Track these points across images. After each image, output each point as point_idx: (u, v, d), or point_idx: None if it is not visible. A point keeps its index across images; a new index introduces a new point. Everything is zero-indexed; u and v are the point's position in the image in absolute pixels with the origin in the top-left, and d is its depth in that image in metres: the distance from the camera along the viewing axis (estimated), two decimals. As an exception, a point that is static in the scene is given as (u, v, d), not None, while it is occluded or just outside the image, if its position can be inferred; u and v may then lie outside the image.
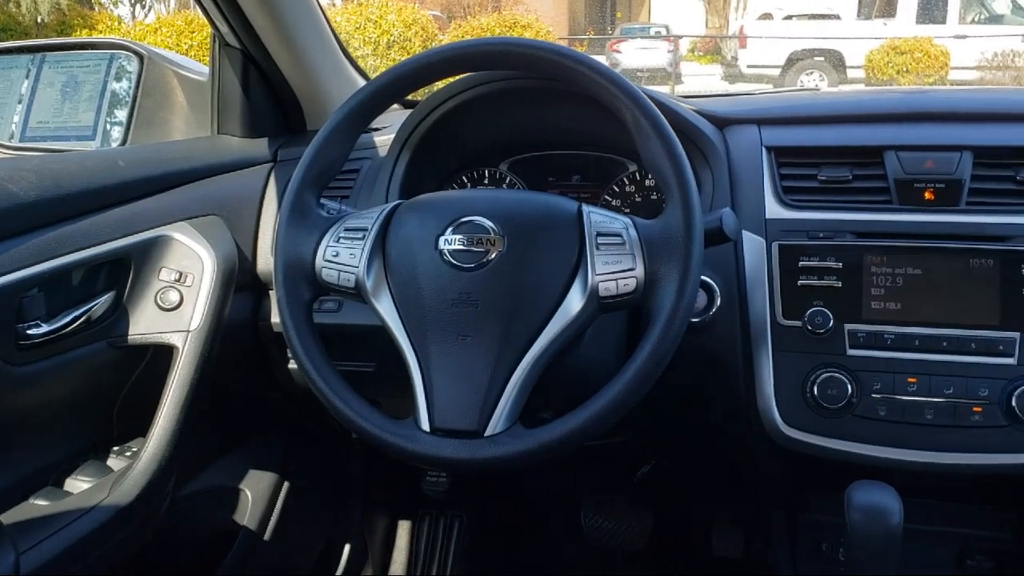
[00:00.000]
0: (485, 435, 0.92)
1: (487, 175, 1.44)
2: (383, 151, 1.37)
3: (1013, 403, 1.06)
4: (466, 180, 1.45)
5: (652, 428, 1.38)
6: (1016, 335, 1.08)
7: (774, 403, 1.14)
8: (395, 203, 1.06)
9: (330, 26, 1.56)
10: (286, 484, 1.62)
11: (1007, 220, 1.12)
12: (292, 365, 1.40)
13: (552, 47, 0.99)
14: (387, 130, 1.43)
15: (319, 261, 1.01)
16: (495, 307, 0.95)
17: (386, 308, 1.00)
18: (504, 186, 1.44)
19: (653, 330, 0.91)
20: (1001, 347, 1.08)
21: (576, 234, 0.97)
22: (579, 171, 1.42)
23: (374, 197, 1.32)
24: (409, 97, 1.60)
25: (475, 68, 1.08)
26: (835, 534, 1.26)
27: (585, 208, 0.99)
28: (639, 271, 0.94)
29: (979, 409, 1.08)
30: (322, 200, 1.08)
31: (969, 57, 11.74)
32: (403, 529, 1.97)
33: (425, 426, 0.94)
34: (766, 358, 1.15)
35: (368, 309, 1.01)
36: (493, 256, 0.96)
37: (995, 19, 13.00)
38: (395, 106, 1.64)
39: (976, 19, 13.14)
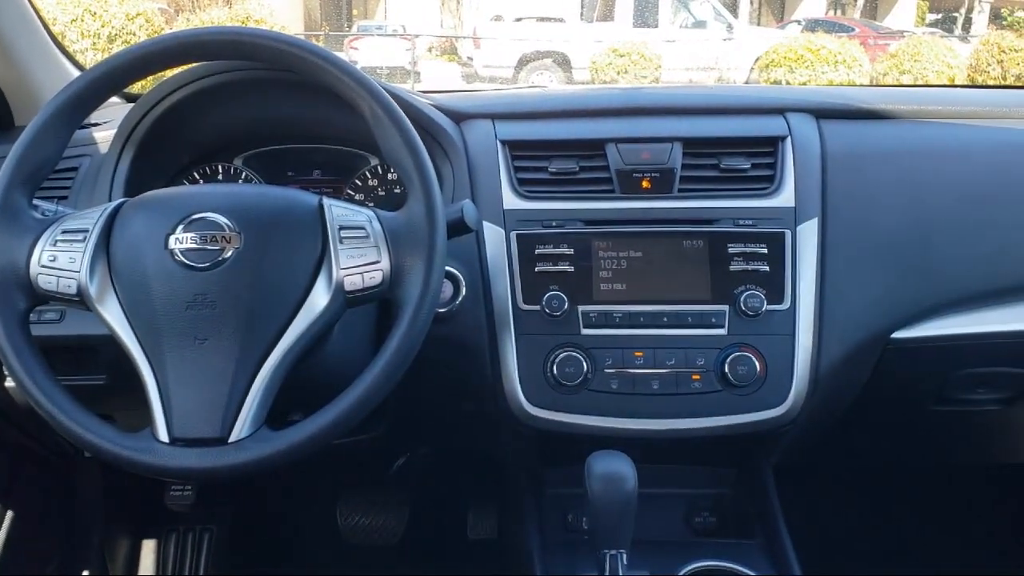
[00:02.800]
0: (230, 441, 0.89)
1: (221, 171, 1.39)
2: (104, 147, 1.28)
3: (725, 370, 1.18)
4: (198, 176, 1.38)
5: (405, 419, 1.39)
6: (725, 308, 1.20)
7: (518, 384, 1.19)
8: (119, 202, 0.99)
9: (38, 15, 1.43)
10: (9, 513, 1.46)
11: (713, 204, 1.23)
12: (9, 383, 1.27)
13: (282, 36, 0.97)
14: (108, 125, 1.34)
15: (34, 267, 0.93)
16: (234, 307, 0.91)
17: (113, 315, 0.93)
18: (240, 182, 1.39)
19: (400, 322, 0.92)
20: (713, 319, 1.20)
21: (318, 228, 0.96)
22: (320, 166, 1.40)
23: (96, 197, 1.22)
24: (133, 90, 1.50)
25: (201, 58, 1.03)
26: (579, 505, 1.33)
27: (326, 201, 0.98)
28: (384, 264, 0.94)
29: (698, 377, 1.19)
30: (35, 201, 0.99)
31: (679, 60, 12.82)
32: (147, 548, 1.85)
33: (163, 437, 0.89)
34: (510, 342, 1.20)
35: (94, 317, 0.94)
36: (229, 254, 0.93)
37: (700, 24, 14.29)
38: (116, 100, 1.54)
39: (684, 24, 14.38)
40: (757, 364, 1.18)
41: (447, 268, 1.16)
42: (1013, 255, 1.26)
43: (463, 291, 1.18)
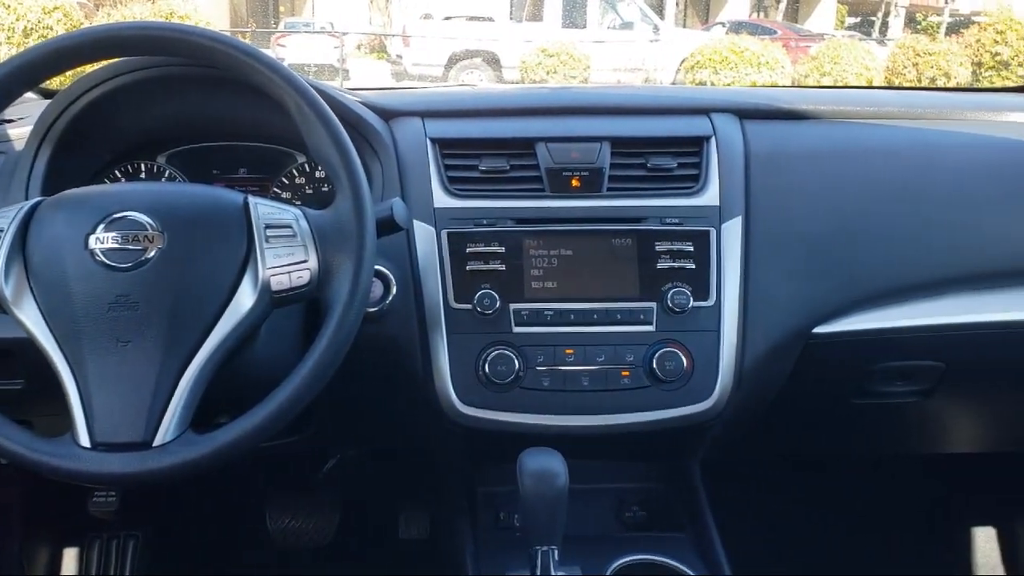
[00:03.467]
0: (154, 445, 0.87)
1: (143, 169, 1.35)
2: (20, 144, 1.24)
3: (653, 365, 1.20)
4: (119, 175, 1.35)
5: (335, 421, 1.38)
6: (653, 304, 1.22)
7: (450, 383, 1.19)
8: (35, 201, 0.96)
9: None
10: None
11: (641, 203, 1.25)
12: None
13: (205, 32, 0.95)
14: (24, 121, 1.29)
15: None
16: (157, 308, 0.90)
17: (31, 317, 0.90)
18: (163, 180, 1.36)
19: (329, 322, 0.91)
20: (642, 316, 1.21)
21: (243, 227, 0.94)
22: (245, 164, 1.38)
23: (11, 196, 1.18)
24: (51, 86, 1.45)
25: (120, 54, 1.01)
26: (511, 502, 1.34)
27: (252, 199, 0.97)
28: (312, 263, 0.93)
29: (627, 373, 1.21)
30: None
31: (608, 60, 12.97)
32: (69, 557, 1.80)
33: (84, 442, 0.87)
34: (441, 341, 1.19)
35: (9, 320, 0.91)
36: (152, 254, 0.91)
37: (627, 26, 14.49)
38: (33, 96, 1.49)
39: (612, 25, 14.55)
40: (684, 360, 1.20)
41: (377, 267, 1.15)
42: (928, 253, 1.31)
43: (393, 290, 1.18)
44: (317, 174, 1.38)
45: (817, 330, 1.28)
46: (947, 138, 1.41)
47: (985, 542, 1.95)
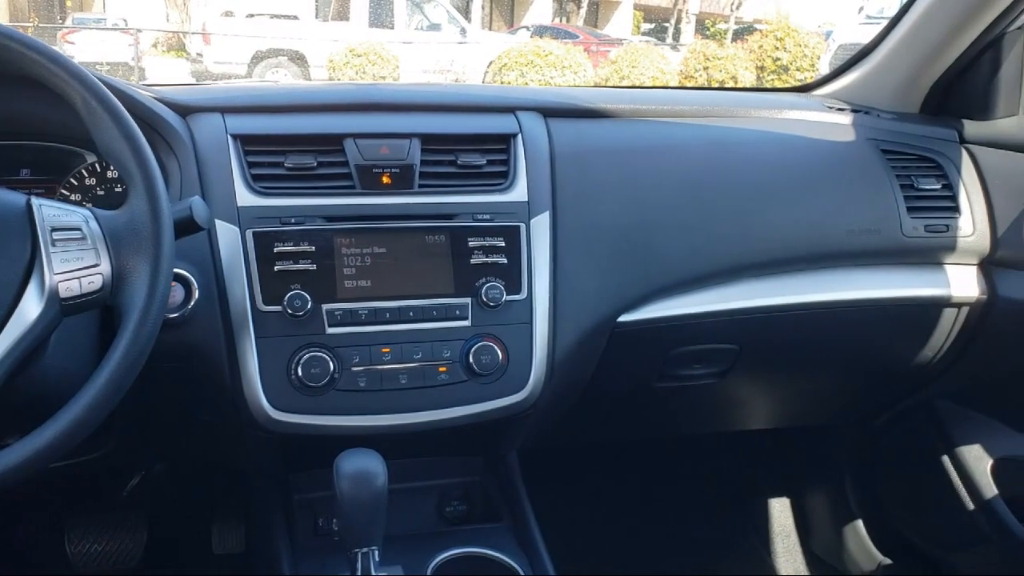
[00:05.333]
0: None
1: None
2: None
3: (470, 360, 1.21)
4: None
5: (137, 435, 1.31)
6: (468, 300, 1.23)
7: (261, 389, 1.15)
8: None
9: None
10: None
11: (452, 200, 1.26)
12: None
13: None
14: None
15: None
16: None
17: None
18: None
19: (124, 330, 0.86)
20: (457, 312, 1.22)
21: (27, 230, 0.87)
22: (28, 164, 1.28)
23: None
24: None
25: None
26: (329, 507, 1.31)
27: (36, 201, 0.90)
28: (105, 267, 0.88)
29: (444, 369, 1.21)
30: None
31: (417, 61, 13.02)
32: None
33: None
34: (250, 346, 1.15)
35: None
36: None
37: (434, 27, 14.57)
38: None
39: (419, 27, 14.58)
40: (499, 353, 1.22)
41: (176, 270, 1.10)
42: (721, 242, 1.39)
43: (196, 294, 1.12)
44: (109, 174, 1.29)
45: (621, 318, 1.34)
46: (735, 135, 1.51)
47: (780, 511, 2.11)
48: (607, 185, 1.36)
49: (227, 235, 1.17)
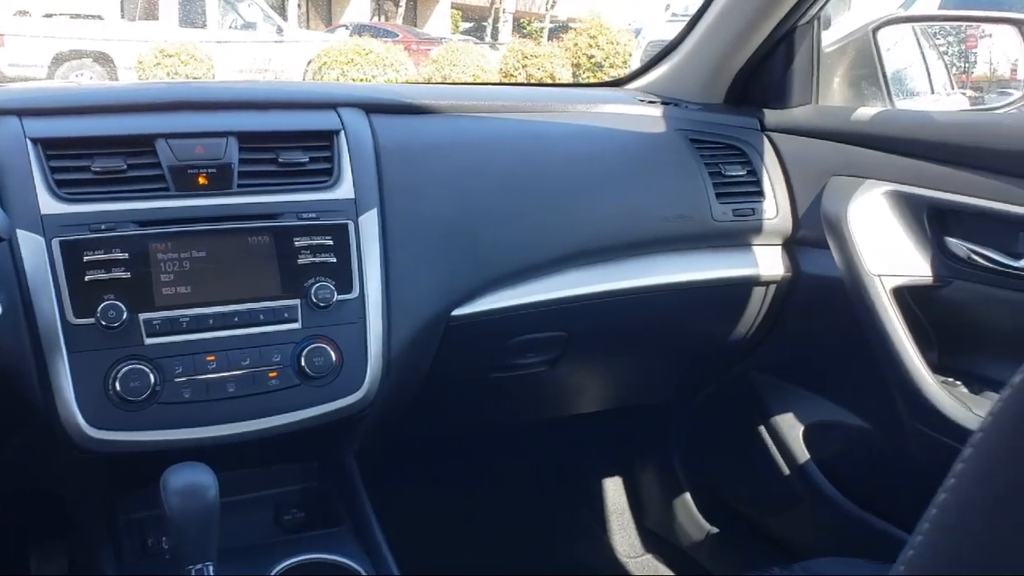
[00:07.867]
0: None
1: None
2: None
3: (302, 363, 1.18)
4: None
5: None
6: (297, 301, 1.20)
7: (76, 407, 1.08)
8: None
9: None
10: None
11: (275, 199, 1.23)
12: None
13: None
14: None
15: None
16: None
17: None
18: None
19: None
20: (286, 314, 1.19)
21: None
22: None
23: None
24: None
25: None
26: (158, 526, 1.25)
27: None
28: None
29: (275, 374, 1.18)
30: None
31: (233, 61, 12.60)
32: None
33: None
34: (62, 362, 1.08)
35: None
36: None
37: (249, 26, 14.12)
38: None
39: (233, 25, 14.09)
40: (333, 354, 1.20)
41: None
42: (544, 233, 1.43)
43: None
44: None
45: (455, 312, 1.34)
46: (552, 128, 1.55)
47: (614, 490, 2.19)
48: (433, 179, 1.37)
49: (30, 245, 1.09)
